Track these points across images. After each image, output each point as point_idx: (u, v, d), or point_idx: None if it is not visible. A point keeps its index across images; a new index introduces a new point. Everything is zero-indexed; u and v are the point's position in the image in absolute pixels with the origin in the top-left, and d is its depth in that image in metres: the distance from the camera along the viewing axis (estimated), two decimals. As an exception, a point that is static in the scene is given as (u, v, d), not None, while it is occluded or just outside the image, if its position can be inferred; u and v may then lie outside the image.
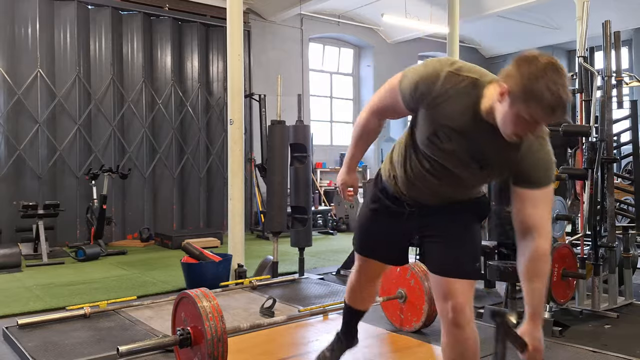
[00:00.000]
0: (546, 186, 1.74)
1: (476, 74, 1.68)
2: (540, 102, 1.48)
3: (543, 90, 1.46)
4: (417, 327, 3.35)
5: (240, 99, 4.98)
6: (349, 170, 2.20)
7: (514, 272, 3.31)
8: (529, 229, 1.73)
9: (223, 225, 8.62)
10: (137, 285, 4.98)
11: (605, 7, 9.59)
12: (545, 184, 1.73)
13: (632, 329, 3.47)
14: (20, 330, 3.45)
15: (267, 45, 9.96)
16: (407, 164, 1.93)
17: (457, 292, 1.90)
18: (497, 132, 1.63)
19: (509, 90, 1.52)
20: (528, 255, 1.75)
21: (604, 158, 3.75)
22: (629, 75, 4.23)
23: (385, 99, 1.89)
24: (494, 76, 1.68)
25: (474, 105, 1.66)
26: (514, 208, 1.78)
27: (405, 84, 1.76)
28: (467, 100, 1.67)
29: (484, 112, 1.65)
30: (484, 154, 1.74)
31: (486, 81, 1.66)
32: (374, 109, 1.96)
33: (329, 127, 11.57)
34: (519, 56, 1.55)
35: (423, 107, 1.74)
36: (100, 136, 7.91)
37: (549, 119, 1.52)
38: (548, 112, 1.49)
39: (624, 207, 4.46)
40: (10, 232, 7.01)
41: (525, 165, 1.71)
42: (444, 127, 1.72)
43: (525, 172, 1.72)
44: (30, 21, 7.37)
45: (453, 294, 1.90)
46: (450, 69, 1.68)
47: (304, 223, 5.09)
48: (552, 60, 1.50)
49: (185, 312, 2.59)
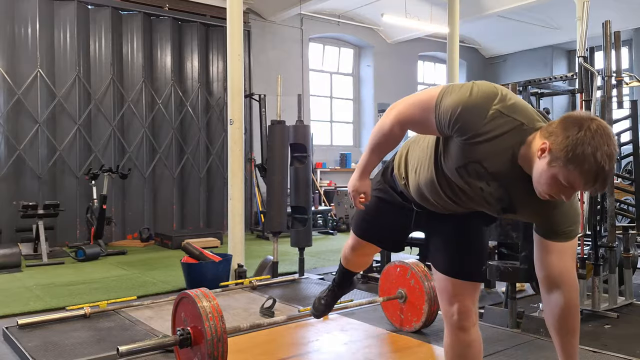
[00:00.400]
0: (574, 238, 1.67)
1: (525, 117, 1.54)
2: (581, 169, 1.38)
3: (587, 157, 1.37)
4: (417, 327, 3.34)
5: (240, 99, 4.98)
6: (362, 177, 1.97)
7: (514, 272, 3.33)
8: (555, 282, 1.65)
9: (223, 225, 8.62)
10: (137, 285, 4.98)
11: (605, 7, 9.59)
12: (573, 236, 1.66)
13: (632, 329, 3.47)
14: (20, 330, 3.45)
15: (267, 45, 9.96)
16: (423, 175, 1.81)
17: (464, 295, 1.88)
18: (530, 183, 1.54)
19: (550, 148, 1.42)
20: (559, 311, 1.66)
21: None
22: (629, 75, 4.23)
23: (416, 112, 1.67)
24: (542, 123, 1.55)
25: (513, 150, 1.54)
26: (538, 258, 1.69)
27: (446, 106, 1.56)
28: (507, 144, 1.54)
29: (521, 159, 1.54)
30: (512, 199, 1.65)
31: (533, 128, 1.53)
32: (401, 118, 1.71)
33: (329, 127, 11.57)
34: (567, 115, 1.46)
35: (458, 138, 1.58)
36: (100, 136, 7.91)
37: (587, 188, 1.42)
38: (588, 181, 1.39)
39: (624, 207, 4.46)
40: (10, 232, 7.01)
41: (553, 217, 1.63)
42: (476, 164, 1.59)
43: (554, 223, 1.63)
44: (30, 21, 7.37)
45: (459, 297, 1.88)
46: (499, 107, 1.52)
47: (304, 223, 5.09)
48: (602, 125, 1.40)
49: (185, 312, 2.59)
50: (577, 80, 3.92)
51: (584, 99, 3.87)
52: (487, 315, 3.63)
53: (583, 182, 1.40)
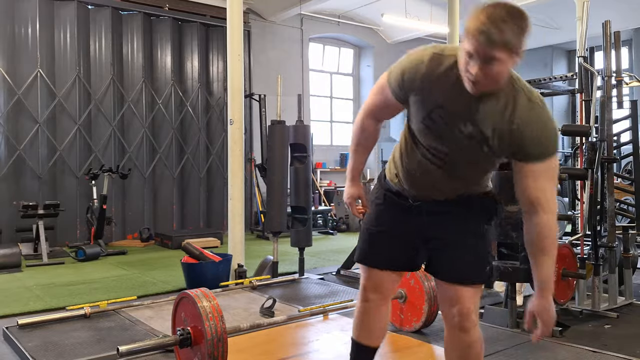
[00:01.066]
0: (548, 158, 1.65)
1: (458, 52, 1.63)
2: (478, 28, 1.45)
3: (484, 19, 1.44)
4: (417, 327, 3.35)
5: (240, 99, 4.98)
6: (353, 182, 2.07)
7: (514, 272, 3.33)
8: (532, 204, 1.69)
9: (223, 225, 8.62)
10: (137, 285, 4.98)
11: (605, 7, 9.59)
12: (546, 157, 1.64)
13: (632, 329, 3.47)
14: (21, 330, 3.45)
15: (267, 45, 9.96)
16: (408, 157, 1.89)
17: (464, 298, 1.87)
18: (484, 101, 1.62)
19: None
20: (533, 231, 1.71)
21: (604, 158, 3.75)
22: (629, 75, 4.24)
23: (376, 98, 1.90)
24: None
25: (458, 78, 1.61)
26: (516, 184, 1.72)
27: (392, 77, 1.79)
28: (451, 78, 1.63)
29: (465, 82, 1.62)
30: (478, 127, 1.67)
31: None
32: (367, 110, 1.96)
33: (329, 127, 11.57)
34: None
35: (412, 94, 1.74)
36: (100, 136, 7.91)
37: (487, 48, 1.45)
38: (484, 38, 1.44)
39: (624, 207, 4.46)
40: (10, 232, 7.01)
41: (523, 138, 1.63)
42: (435, 107, 1.70)
43: (524, 146, 1.63)
44: (30, 21, 7.37)
45: (460, 300, 1.88)
46: (432, 51, 1.69)
47: (304, 223, 5.09)
48: (508, 5, 1.47)
49: (186, 312, 2.59)
50: (577, 80, 3.93)
51: (583, 99, 3.87)
52: (487, 315, 3.63)
53: (480, 40, 1.45)
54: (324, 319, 3.69)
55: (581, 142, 3.89)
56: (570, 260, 3.72)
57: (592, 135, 3.77)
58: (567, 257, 3.69)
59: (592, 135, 3.76)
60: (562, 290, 3.67)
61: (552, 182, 1.69)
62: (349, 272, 5.37)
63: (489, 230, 1.95)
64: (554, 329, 3.29)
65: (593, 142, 3.74)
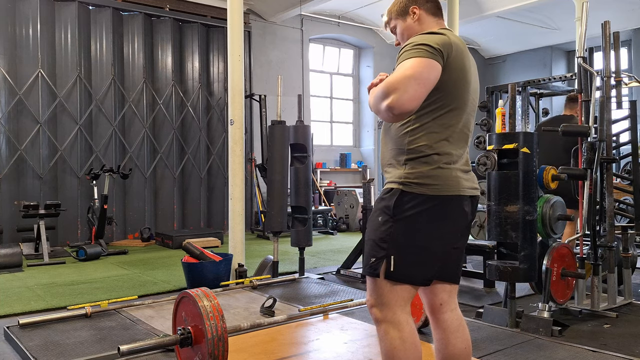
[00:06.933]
0: (401, 62, 1.73)
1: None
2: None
3: None
4: (417, 327, 3.35)
5: (241, 99, 5.00)
6: None
7: (514, 272, 3.34)
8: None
9: (223, 225, 8.65)
10: (138, 285, 4.99)
11: (605, 7, 9.60)
12: (400, 62, 1.75)
13: (632, 328, 3.48)
14: (22, 330, 3.46)
15: (268, 45, 9.98)
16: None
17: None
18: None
19: None
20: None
21: (603, 158, 3.76)
22: (628, 76, 4.24)
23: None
24: None
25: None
26: None
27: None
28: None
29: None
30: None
31: None
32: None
33: (329, 128, 11.58)
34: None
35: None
36: (101, 136, 7.93)
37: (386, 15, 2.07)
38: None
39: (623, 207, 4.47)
40: (11, 231, 7.03)
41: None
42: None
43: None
44: (32, 21, 7.40)
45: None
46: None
47: (304, 223, 5.11)
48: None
49: (186, 312, 2.60)
50: (576, 81, 3.94)
51: (583, 99, 3.88)
52: (487, 314, 3.64)
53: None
54: (324, 319, 3.70)
55: (580, 142, 3.91)
56: (570, 259, 3.73)
57: (591, 135, 3.78)
58: (567, 257, 3.71)
59: (591, 136, 3.77)
60: (561, 289, 3.68)
61: (399, 69, 1.72)
62: (349, 271, 5.39)
63: (382, 223, 1.83)
64: (553, 329, 3.30)
65: (592, 142, 3.76)
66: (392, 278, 1.79)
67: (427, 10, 1.99)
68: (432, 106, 1.79)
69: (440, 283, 1.95)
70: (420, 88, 1.65)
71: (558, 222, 3.84)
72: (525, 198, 3.30)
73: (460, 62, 1.81)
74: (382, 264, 1.80)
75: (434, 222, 1.80)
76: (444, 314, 1.96)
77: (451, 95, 1.80)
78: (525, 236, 3.31)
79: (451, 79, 1.78)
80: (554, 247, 3.62)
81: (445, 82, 1.76)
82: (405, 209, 1.78)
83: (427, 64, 1.68)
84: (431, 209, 1.78)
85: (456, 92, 1.82)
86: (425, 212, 1.78)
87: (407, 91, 1.62)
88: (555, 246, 3.62)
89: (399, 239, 1.79)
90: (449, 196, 1.80)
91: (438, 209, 1.79)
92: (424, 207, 1.78)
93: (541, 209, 3.71)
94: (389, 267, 1.79)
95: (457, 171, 1.84)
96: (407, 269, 1.80)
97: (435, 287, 1.96)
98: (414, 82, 1.63)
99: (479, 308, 3.81)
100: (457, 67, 1.80)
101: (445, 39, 1.78)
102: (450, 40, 1.80)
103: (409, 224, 1.79)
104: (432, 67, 1.69)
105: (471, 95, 1.90)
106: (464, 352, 1.93)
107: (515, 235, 3.31)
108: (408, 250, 1.79)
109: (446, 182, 1.79)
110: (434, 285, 1.95)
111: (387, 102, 1.63)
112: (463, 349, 1.93)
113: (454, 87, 1.80)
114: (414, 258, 1.80)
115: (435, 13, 2.01)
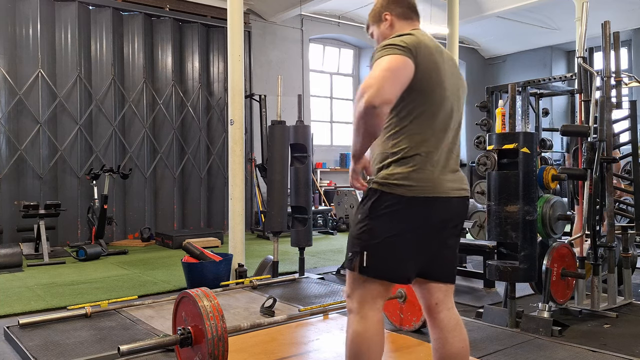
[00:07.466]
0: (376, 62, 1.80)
1: None
2: None
3: None
4: (416, 327, 3.36)
5: (241, 99, 5.00)
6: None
7: (514, 272, 3.34)
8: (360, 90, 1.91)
9: (224, 225, 8.65)
10: (138, 285, 4.99)
11: (605, 7, 9.61)
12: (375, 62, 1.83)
13: (632, 328, 3.48)
14: (22, 330, 3.46)
15: (268, 45, 9.98)
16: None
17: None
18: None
19: None
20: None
21: (603, 158, 3.77)
22: (628, 76, 4.24)
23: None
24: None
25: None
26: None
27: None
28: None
29: None
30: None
31: None
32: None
33: (329, 128, 11.58)
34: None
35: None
36: (101, 136, 7.93)
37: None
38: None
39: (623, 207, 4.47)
40: (11, 231, 7.03)
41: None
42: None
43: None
44: (32, 21, 7.40)
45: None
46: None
47: (304, 223, 5.11)
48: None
49: (186, 312, 2.60)
50: (576, 81, 3.94)
51: (583, 99, 3.88)
52: (487, 314, 3.64)
53: None
54: (324, 319, 3.70)
55: (580, 142, 3.91)
56: (570, 259, 3.73)
57: (591, 135, 3.78)
58: (567, 257, 3.71)
59: (591, 136, 3.77)
60: (561, 289, 3.68)
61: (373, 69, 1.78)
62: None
63: (360, 221, 1.91)
64: (553, 329, 3.30)
65: (592, 142, 3.76)
66: (364, 273, 1.87)
67: (398, 16, 2.07)
68: (409, 107, 1.85)
69: (435, 283, 1.98)
70: (395, 81, 1.73)
71: (558, 222, 3.84)
72: (525, 198, 3.31)
73: (430, 60, 1.85)
74: (357, 259, 1.87)
75: (409, 223, 1.85)
76: (440, 313, 1.98)
77: (426, 94, 1.85)
78: (525, 236, 3.31)
79: (424, 77, 1.83)
80: (554, 247, 3.62)
81: (419, 81, 1.81)
82: (381, 208, 1.85)
83: (399, 59, 1.76)
84: (407, 209, 1.84)
85: (431, 91, 1.86)
86: (401, 212, 1.84)
87: (382, 86, 1.69)
88: (555, 246, 3.63)
89: (372, 237, 1.86)
90: (427, 197, 1.84)
91: (414, 209, 1.84)
92: (400, 208, 1.84)
93: (541, 209, 3.71)
94: (361, 262, 1.86)
95: (440, 172, 1.88)
96: (378, 266, 1.86)
97: (430, 287, 1.99)
98: (388, 76, 1.71)
99: (479, 308, 3.81)
100: (428, 65, 1.84)
101: (414, 38, 1.84)
102: (419, 39, 1.85)
103: (383, 223, 1.85)
104: (403, 61, 1.77)
105: (449, 93, 1.92)
106: (461, 351, 1.95)
107: (515, 235, 3.31)
108: (380, 247, 1.85)
109: (426, 183, 1.84)
110: (429, 285, 1.98)
111: (365, 99, 1.70)
112: (460, 348, 1.95)
113: (428, 85, 1.85)
114: (385, 255, 1.86)
115: (408, 17, 2.07)
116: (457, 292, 4.48)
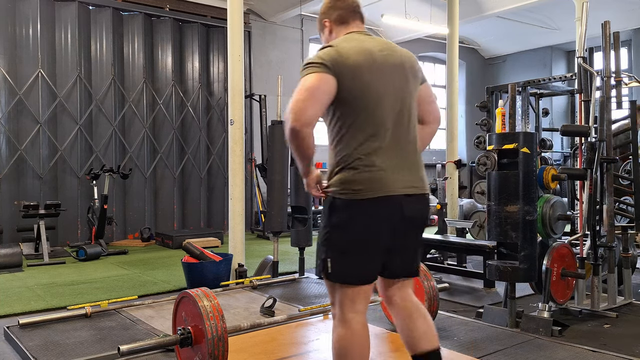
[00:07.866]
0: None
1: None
2: None
3: None
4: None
5: (241, 99, 5.00)
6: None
7: (514, 272, 3.34)
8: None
9: (224, 225, 8.64)
10: (138, 285, 4.99)
11: (605, 7, 9.61)
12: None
13: (632, 328, 3.48)
14: (22, 330, 3.47)
15: (268, 45, 9.98)
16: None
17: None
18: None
19: None
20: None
21: (603, 158, 3.76)
22: (628, 76, 4.24)
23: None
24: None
25: None
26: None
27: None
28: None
29: None
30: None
31: None
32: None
33: (329, 128, 11.57)
34: None
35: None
36: (101, 136, 7.93)
37: None
38: None
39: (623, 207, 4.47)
40: (11, 232, 7.03)
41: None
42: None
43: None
44: (32, 22, 7.40)
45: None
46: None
47: (304, 223, 5.11)
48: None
49: (186, 312, 2.60)
50: (576, 81, 3.94)
51: (583, 99, 3.88)
52: (487, 314, 3.64)
53: None
54: (324, 319, 3.70)
55: (580, 142, 3.91)
56: (570, 259, 3.73)
57: (591, 135, 3.78)
58: (567, 257, 3.71)
59: (591, 136, 3.77)
60: (561, 289, 3.68)
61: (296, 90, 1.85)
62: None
63: (322, 228, 2.00)
64: (553, 329, 3.30)
65: (592, 142, 3.76)
66: (331, 279, 1.92)
67: (335, 21, 2.11)
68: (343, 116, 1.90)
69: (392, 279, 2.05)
70: (314, 101, 1.80)
71: (558, 222, 3.84)
72: (525, 198, 3.31)
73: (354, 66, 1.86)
74: (323, 266, 1.93)
75: (361, 225, 1.88)
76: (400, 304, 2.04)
77: (356, 100, 1.87)
78: (525, 236, 3.31)
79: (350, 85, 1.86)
80: (554, 247, 3.62)
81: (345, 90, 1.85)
82: (335, 214, 1.91)
83: (316, 78, 1.82)
84: (358, 212, 1.87)
85: (360, 96, 1.87)
86: (354, 216, 1.88)
87: (300, 109, 1.78)
88: (555, 246, 3.62)
89: (332, 243, 1.93)
90: (378, 198, 1.86)
91: (364, 211, 1.87)
92: (351, 211, 1.88)
93: (541, 209, 3.71)
94: (326, 269, 1.92)
95: (391, 172, 1.89)
96: (341, 270, 1.90)
97: (386, 282, 2.06)
98: (307, 97, 1.79)
99: (479, 308, 3.81)
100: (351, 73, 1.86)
101: (332, 50, 1.89)
102: (338, 50, 1.89)
103: (339, 228, 1.91)
104: (320, 79, 1.82)
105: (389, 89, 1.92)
106: (423, 336, 1.99)
107: (515, 235, 3.31)
108: (340, 252, 1.91)
109: (371, 184, 1.86)
110: (386, 281, 2.05)
111: (288, 125, 1.79)
112: (422, 333, 2.00)
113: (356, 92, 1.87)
114: (345, 260, 1.90)
115: (344, 21, 2.09)
116: (457, 292, 4.49)
